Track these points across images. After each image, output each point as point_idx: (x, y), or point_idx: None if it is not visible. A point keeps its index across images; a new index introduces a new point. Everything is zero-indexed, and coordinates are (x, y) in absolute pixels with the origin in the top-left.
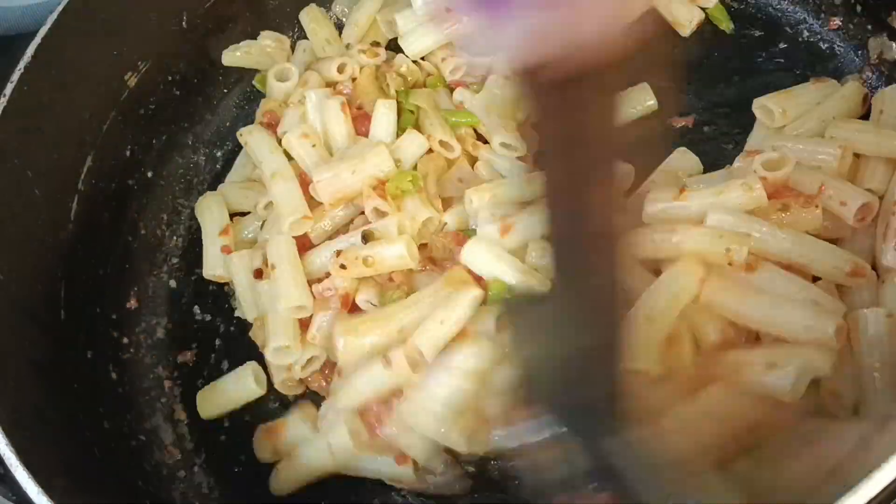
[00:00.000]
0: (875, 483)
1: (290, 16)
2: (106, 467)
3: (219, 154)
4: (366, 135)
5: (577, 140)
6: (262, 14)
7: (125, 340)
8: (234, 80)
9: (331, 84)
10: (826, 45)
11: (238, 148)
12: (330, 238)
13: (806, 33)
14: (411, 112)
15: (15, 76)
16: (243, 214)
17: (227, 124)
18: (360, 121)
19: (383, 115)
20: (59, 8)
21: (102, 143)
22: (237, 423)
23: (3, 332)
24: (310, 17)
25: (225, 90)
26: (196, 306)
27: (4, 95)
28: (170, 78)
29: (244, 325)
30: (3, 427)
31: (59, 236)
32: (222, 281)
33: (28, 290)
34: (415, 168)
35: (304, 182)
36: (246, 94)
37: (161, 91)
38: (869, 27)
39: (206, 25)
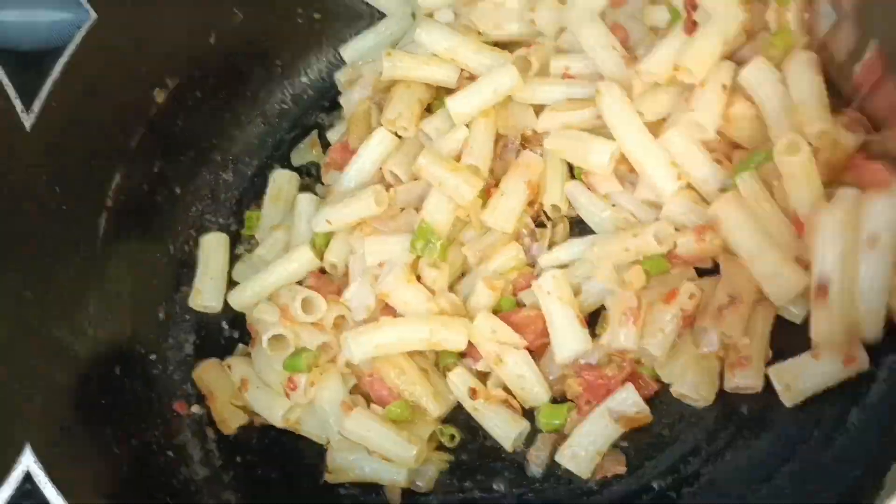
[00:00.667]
0: None
1: (319, 34)
2: (134, 484)
3: (247, 170)
4: None
5: None
6: (294, 31)
7: (153, 356)
8: (263, 96)
9: None
10: None
11: (267, 164)
12: None
13: None
14: None
15: (43, 92)
16: None
17: (256, 141)
18: None
19: None
20: (88, 24)
21: (131, 158)
22: (265, 440)
23: (33, 351)
24: None
25: (253, 107)
26: (224, 322)
27: (33, 111)
28: (198, 94)
29: None
30: (31, 444)
31: (88, 252)
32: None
33: (56, 307)
34: None
35: None
36: (275, 111)
37: (189, 107)
38: None
39: (235, 42)
